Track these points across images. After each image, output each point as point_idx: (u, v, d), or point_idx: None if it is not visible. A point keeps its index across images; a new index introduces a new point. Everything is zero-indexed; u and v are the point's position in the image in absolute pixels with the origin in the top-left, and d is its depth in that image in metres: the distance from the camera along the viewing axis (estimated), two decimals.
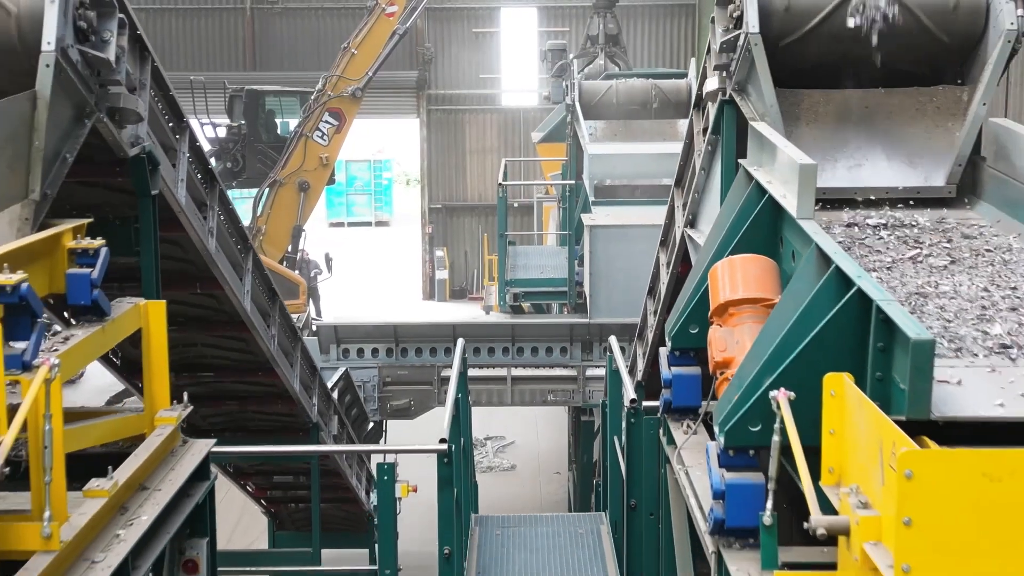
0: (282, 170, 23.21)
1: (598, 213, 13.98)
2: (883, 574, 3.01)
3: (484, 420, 19.43)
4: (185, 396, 5.09)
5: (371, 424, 13.47)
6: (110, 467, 4.21)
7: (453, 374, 7.37)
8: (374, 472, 11.78)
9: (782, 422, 3.66)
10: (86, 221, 4.64)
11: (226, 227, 7.06)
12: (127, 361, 7.98)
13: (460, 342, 8.09)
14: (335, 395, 11.27)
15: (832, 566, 3.59)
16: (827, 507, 3.50)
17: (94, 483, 4.10)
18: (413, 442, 9.66)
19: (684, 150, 7.47)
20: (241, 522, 14.89)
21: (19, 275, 3.81)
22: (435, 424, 7.07)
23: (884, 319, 3.57)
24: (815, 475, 3.59)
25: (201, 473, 5.00)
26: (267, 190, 22.42)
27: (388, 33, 23.23)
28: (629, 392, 6.69)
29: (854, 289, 3.77)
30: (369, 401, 13.32)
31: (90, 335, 4.28)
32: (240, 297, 7.27)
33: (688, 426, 5.30)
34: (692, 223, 7.21)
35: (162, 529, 4.50)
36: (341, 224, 43.65)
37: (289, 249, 23.04)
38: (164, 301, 4.97)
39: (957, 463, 2.91)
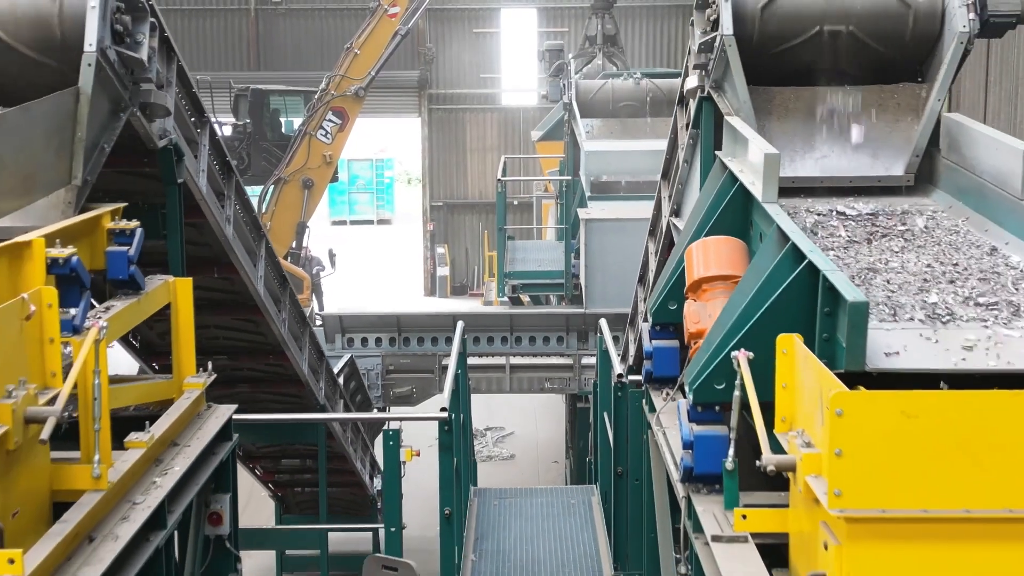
0: (286, 168, 23.70)
1: (594, 208, 14.48)
2: (820, 500, 3.51)
3: (484, 412, 19.94)
4: (210, 365, 5.61)
5: (375, 410, 13.97)
6: (147, 422, 4.72)
7: (453, 352, 7.89)
8: (377, 457, 12.29)
9: (742, 379, 4.18)
10: (122, 205, 5.15)
11: (241, 216, 7.57)
12: (145, 343, 8.49)
13: (460, 324, 8.61)
14: (341, 380, 11.77)
15: (787, 507, 4.11)
16: (780, 452, 4.00)
17: (133, 436, 4.61)
18: (414, 426, 10.16)
19: (669, 145, 7.97)
20: (248, 507, 15.40)
21: (70, 249, 4.33)
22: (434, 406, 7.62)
23: (829, 287, 4.07)
24: (770, 425, 4.10)
25: (224, 434, 5.51)
26: (272, 187, 22.95)
27: (390, 33, 23.75)
28: (616, 368, 7.20)
29: (805, 262, 4.28)
30: (373, 388, 13.83)
31: (128, 305, 4.80)
32: (254, 281, 7.77)
33: (667, 393, 5.81)
34: (676, 212, 7.70)
35: (191, 481, 5.02)
36: (343, 222, 44.12)
37: (293, 245, 23.56)
38: (191, 279, 5.49)
39: (879, 403, 3.41)
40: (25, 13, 5.12)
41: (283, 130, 26.25)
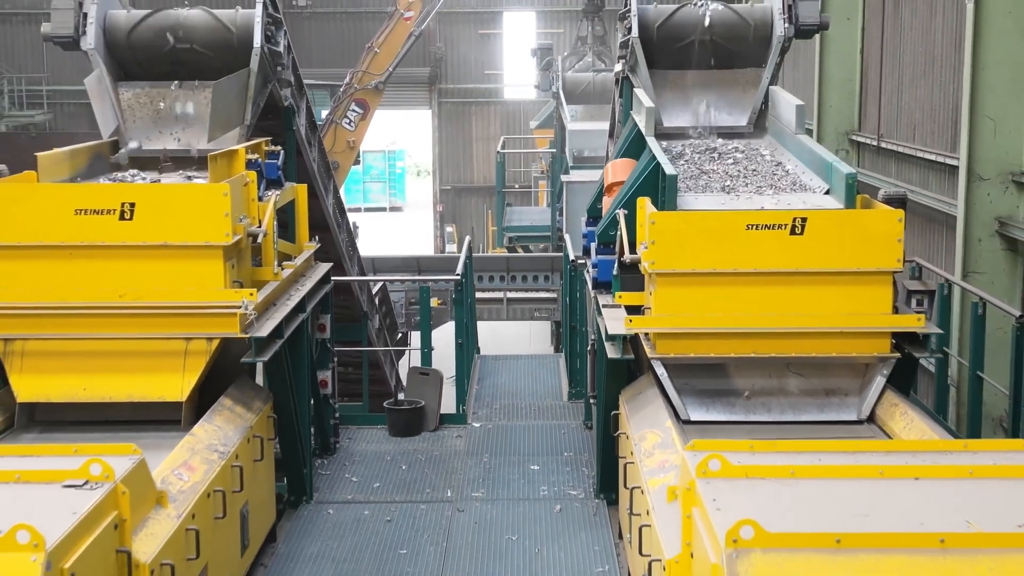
0: None
1: (575, 174, 18.12)
2: (648, 271, 7.11)
3: None
4: (316, 237, 9.23)
5: (400, 334, 17.57)
6: (291, 256, 8.35)
7: (462, 254, 11.54)
8: (402, 376, 15.81)
9: (620, 225, 7.78)
10: (268, 139, 8.77)
11: (320, 159, 11.18)
12: None
13: (467, 238, 12.24)
14: (376, 301, 15.36)
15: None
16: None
17: (286, 263, 8.23)
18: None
19: (612, 113, 11.55)
20: None
21: (255, 155, 7.95)
22: (449, 334, 11.29)
23: (662, 172, 7.66)
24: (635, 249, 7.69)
25: (325, 279, 9.14)
26: None
27: (406, 34, 27.40)
28: (571, 255, 10.82)
29: (655, 162, 7.87)
30: (398, 316, 17.43)
31: (279, 192, 8.41)
32: (327, 206, 11.37)
33: None
34: None
35: (311, 298, 8.63)
36: (358, 209, 47.64)
37: None
38: (305, 185, 9.10)
39: (671, 216, 7.02)
40: (212, 33, 8.72)
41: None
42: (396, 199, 49.25)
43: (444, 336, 12.15)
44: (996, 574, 4.15)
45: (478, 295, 17.11)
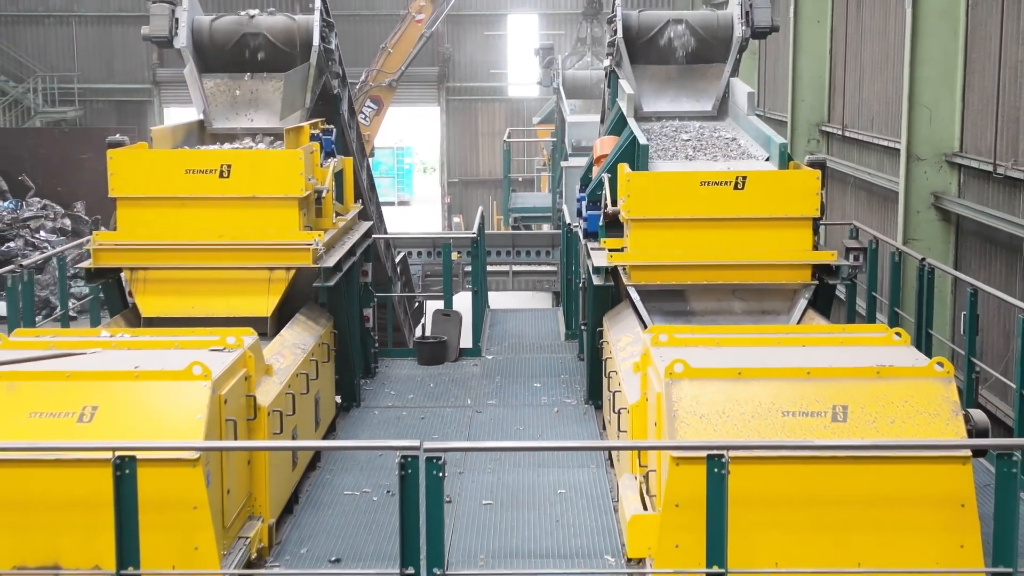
0: None
1: (573, 160, 20.23)
2: (625, 218, 9.22)
3: None
4: (359, 200, 11.34)
5: (416, 303, 19.64)
6: (341, 213, 10.47)
7: (476, 219, 13.68)
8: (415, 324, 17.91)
9: (605, 187, 9.90)
10: (323, 119, 10.89)
11: (356, 140, 13.30)
12: None
13: (480, 209, 14.37)
14: (399, 269, 17.48)
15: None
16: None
17: (339, 216, 10.35)
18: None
19: (602, 102, 13.65)
20: None
21: (317, 130, 10.07)
22: (463, 301, 13.43)
23: (638, 143, 9.76)
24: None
25: (368, 234, 11.25)
26: None
27: (417, 35, 29.55)
28: (567, 220, 12.95)
29: (633, 136, 9.98)
30: (416, 287, 19.53)
31: (334, 161, 10.51)
32: (362, 180, 13.47)
33: None
34: None
35: (359, 246, 10.74)
36: None
37: None
38: (350, 158, 11.22)
39: (643, 176, 9.13)
40: (279, 35, 10.83)
41: None
42: (404, 193, 51.34)
43: (458, 303, 14.22)
44: (843, 393, 6.28)
45: (487, 268, 19.22)
